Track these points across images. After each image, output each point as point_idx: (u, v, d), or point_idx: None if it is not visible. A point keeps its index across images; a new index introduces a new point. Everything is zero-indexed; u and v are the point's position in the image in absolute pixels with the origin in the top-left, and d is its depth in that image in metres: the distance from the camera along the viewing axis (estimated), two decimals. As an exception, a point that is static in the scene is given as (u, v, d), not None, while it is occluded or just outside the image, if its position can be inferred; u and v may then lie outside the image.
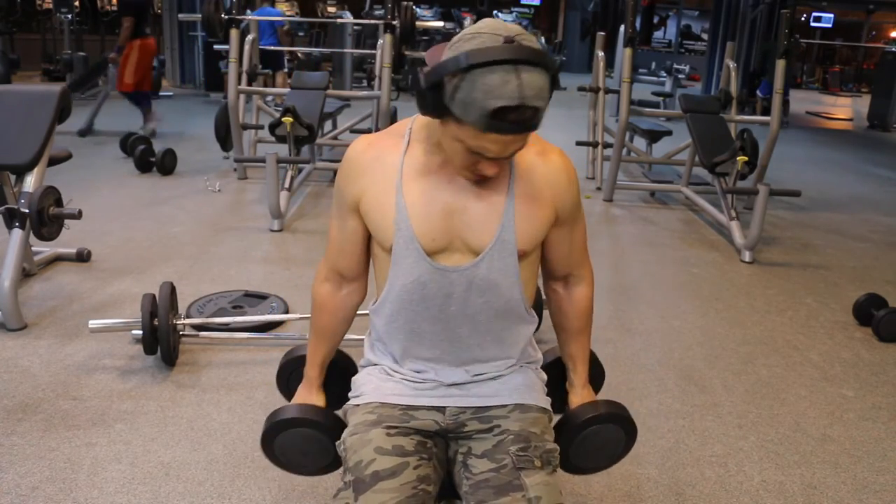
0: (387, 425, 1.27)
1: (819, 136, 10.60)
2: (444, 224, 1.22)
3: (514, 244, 1.23)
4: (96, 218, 4.27)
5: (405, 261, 1.24)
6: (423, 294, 1.26)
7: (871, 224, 5.52)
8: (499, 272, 1.25)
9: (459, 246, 1.24)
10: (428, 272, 1.24)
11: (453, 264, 1.24)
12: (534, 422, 1.30)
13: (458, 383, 1.32)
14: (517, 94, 1.03)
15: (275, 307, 3.20)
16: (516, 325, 1.34)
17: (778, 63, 5.32)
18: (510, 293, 1.28)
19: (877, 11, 16.79)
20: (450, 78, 1.05)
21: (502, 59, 1.03)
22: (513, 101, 1.03)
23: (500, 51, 1.04)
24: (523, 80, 1.03)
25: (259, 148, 6.10)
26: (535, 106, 1.05)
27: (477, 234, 1.22)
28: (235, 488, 2.04)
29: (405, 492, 1.18)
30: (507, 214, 1.22)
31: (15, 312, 2.93)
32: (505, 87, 1.03)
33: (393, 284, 1.28)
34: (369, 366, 1.40)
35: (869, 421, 2.62)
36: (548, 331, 1.55)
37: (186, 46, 10.99)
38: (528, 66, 1.04)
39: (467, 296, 1.26)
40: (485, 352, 1.33)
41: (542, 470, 1.23)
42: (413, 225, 1.22)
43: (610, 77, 8.49)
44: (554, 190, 1.26)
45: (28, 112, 3.13)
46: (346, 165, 1.29)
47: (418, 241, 1.22)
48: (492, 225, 1.22)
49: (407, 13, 5.53)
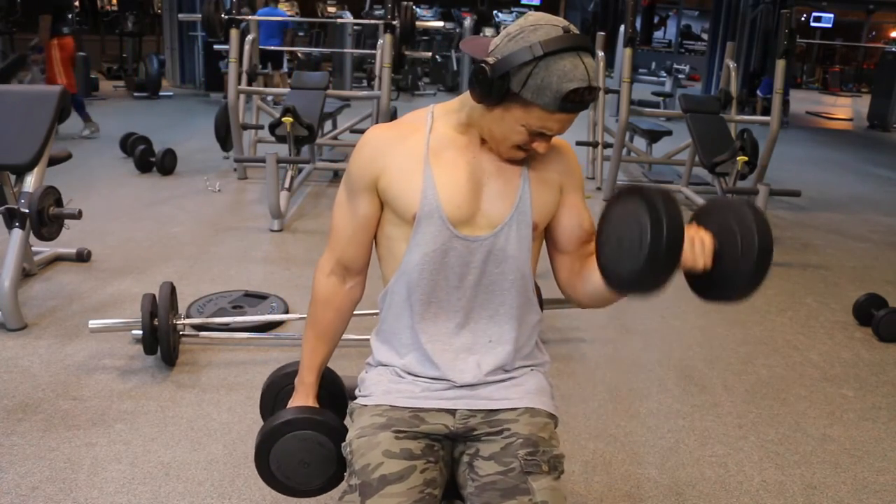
0: (396, 429, 1.27)
1: (819, 136, 10.60)
2: (468, 195, 1.28)
3: (529, 216, 1.30)
4: (96, 218, 4.27)
5: (428, 229, 1.27)
6: (443, 263, 1.29)
7: (871, 224, 5.53)
8: (515, 243, 1.30)
9: (480, 218, 1.29)
10: (450, 240, 1.28)
11: (474, 234, 1.29)
12: (542, 427, 1.30)
13: (469, 384, 1.32)
14: (586, 76, 1.16)
15: (275, 307, 3.20)
16: (526, 306, 1.35)
17: (778, 63, 5.32)
18: (523, 267, 1.32)
19: (877, 11, 16.80)
20: (521, 67, 1.15)
21: (571, 46, 1.15)
22: (584, 82, 1.15)
23: (566, 39, 1.15)
24: (587, 64, 1.16)
25: (259, 148, 6.10)
26: (597, 86, 1.19)
27: (496, 206, 1.29)
28: (235, 488, 2.04)
29: (412, 496, 1.18)
30: (522, 189, 1.30)
31: (15, 312, 2.93)
32: (576, 71, 1.15)
33: (413, 254, 1.29)
34: (379, 366, 1.39)
35: (869, 421, 2.62)
36: (548, 330, 1.55)
37: (186, 46, 10.98)
38: (586, 52, 1.17)
39: (484, 266, 1.30)
40: (499, 328, 1.33)
41: (549, 475, 1.23)
42: (440, 193, 1.26)
43: (610, 77, 8.50)
44: (560, 173, 1.36)
45: (28, 112, 3.13)
46: (366, 146, 1.31)
47: (443, 210, 1.26)
48: (510, 199, 1.30)
49: (407, 13, 5.53)
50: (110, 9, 13.18)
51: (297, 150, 4.92)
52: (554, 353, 2.92)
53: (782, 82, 5.33)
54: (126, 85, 10.42)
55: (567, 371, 2.82)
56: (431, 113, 1.34)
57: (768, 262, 1.14)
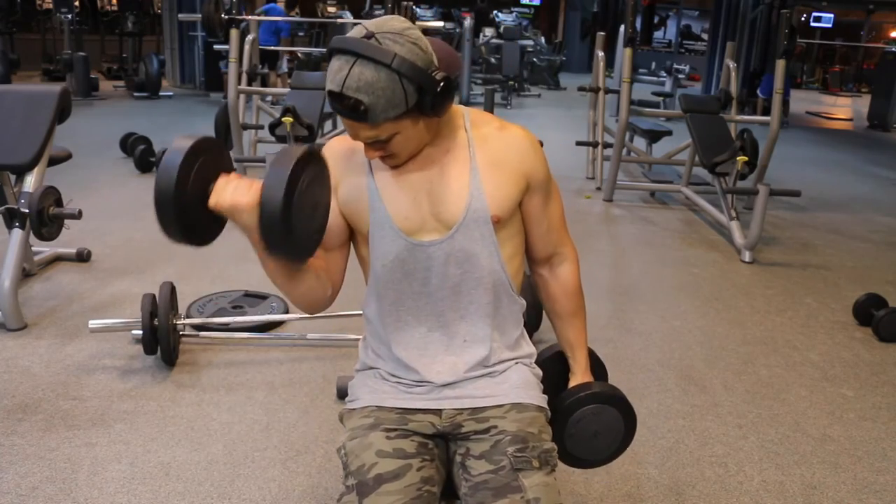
0: (385, 428, 1.28)
1: (819, 136, 10.60)
2: (414, 203, 1.27)
3: (486, 211, 1.27)
4: (96, 218, 4.27)
5: (382, 241, 1.28)
6: (403, 271, 1.29)
7: (871, 224, 5.52)
8: (476, 242, 1.28)
9: (431, 222, 1.28)
10: (406, 249, 1.28)
11: (429, 239, 1.28)
12: (531, 421, 1.30)
13: (450, 383, 1.32)
14: (340, 82, 1.12)
15: (275, 307, 3.20)
16: (501, 301, 1.34)
17: (778, 63, 5.32)
18: (490, 264, 1.30)
19: (877, 11, 16.78)
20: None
21: (343, 48, 1.13)
22: (335, 86, 1.13)
23: (345, 41, 1.13)
24: (353, 72, 1.11)
25: (259, 148, 6.10)
26: (354, 98, 1.12)
27: (448, 207, 1.27)
28: (235, 488, 2.04)
29: (410, 493, 1.18)
30: (473, 184, 1.27)
31: (15, 312, 2.93)
32: (336, 74, 1.13)
33: (374, 267, 1.31)
34: (365, 370, 1.41)
35: (869, 421, 2.62)
36: (548, 331, 1.55)
37: (186, 46, 10.99)
38: (363, 59, 1.11)
39: (446, 269, 1.29)
40: (472, 327, 1.33)
41: (540, 470, 1.23)
42: (386, 205, 1.27)
43: (610, 77, 8.49)
44: (520, 156, 1.30)
45: (28, 112, 3.13)
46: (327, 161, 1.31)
47: (392, 220, 1.26)
48: (461, 196, 1.26)
49: (407, 13, 5.53)
50: (110, 9, 13.15)
51: (297, 150, 4.91)
52: (554, 353, 2.94)
53: (782, 82, 5.33)
54: (126, 85, 10.43)
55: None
56: None
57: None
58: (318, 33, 13.58)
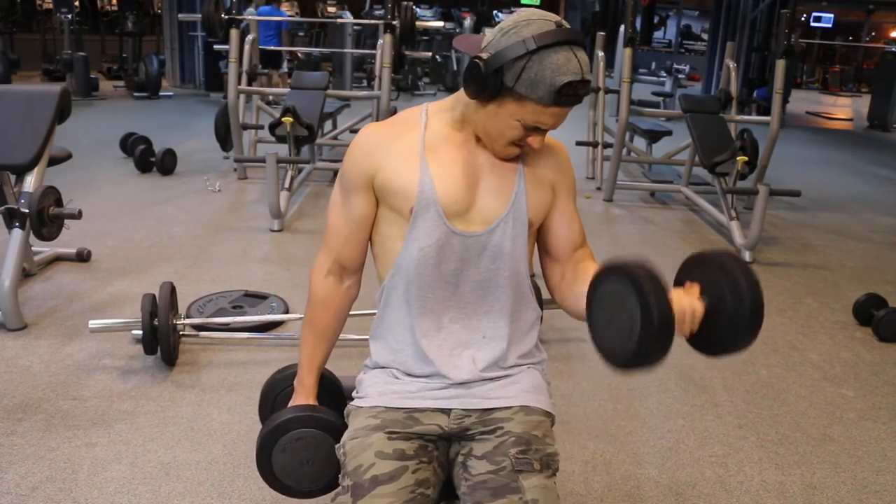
0: (389, 430, 1.27)
1: (819, 136, 10.60)
2: (464, 190, 1.28)
3: (525, 213, 1.31)
4: (96, 218, 4.27)
5: (424, 223, 1.27)
6: (438, 258, 1.29)
7: (871, 224, 5.53)
8: (511, 240, 1.31)
9: (475, 213, 1.29)
10: (446, 235, 1.28)
11: (470, 230, 1.29)
12: (537, 425, 1.30)
13: (465, 382, 1.31)
14: (579, 69, 1.17)
15: (275, 307, 3.20)
16: (521, 303, 1.35)
17: (778, 63, 5.31)
18: (518, 265, 1.33)
19: (877, 11, 16.77)
20: (514, 61, 1.16)
21: (564, 40, 1.16)
22: (577, 76, 1.17)
23: (559, 33, 1.16)
24: (580, 58, 1.17)
25: (259, 148, 6.10)
26: (590, 80, 1.21)
27: (492, 203, 1.30)
28: (235, 488, 2.04)
29: (403, 496, 1.18)
30: (518, 186, 1.31)
31: (15, 312, 2.93)
32: (569, 65, 1.16)
33: (409, 250, 1.29)
34: (376, 367, 1.39)
35: (869, 421, 2.62)
36: (548, 330, 1.55)
37: (186, 46, 10.98)
38: (578, 46, 1.18)
39: (479, 261, 1.31)
40: (493, 324, 1.34)
41: (540, 473, 1.22)
42: (437, 187, 1.27)
43: (610, 77, 8.50)
44: (554, 172, 1.37)
45: (28, 112, 3.13)
46: (361, 145, 1.32)
47: (440, 203, 1.27)
48: (505, 196, 1.30)
49: (407, 13, 5.53)
50: (110, 9, 13.14)
51: (297, 150, 4.91)
52: (554, 352, 2.93)
53: (783, 82, 5.33)
54: (126, 85, 10.42)
55: (567, 371, 2.82)
56: (426, 110, 1.34)
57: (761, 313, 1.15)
58: (317, 33, 13.59)
